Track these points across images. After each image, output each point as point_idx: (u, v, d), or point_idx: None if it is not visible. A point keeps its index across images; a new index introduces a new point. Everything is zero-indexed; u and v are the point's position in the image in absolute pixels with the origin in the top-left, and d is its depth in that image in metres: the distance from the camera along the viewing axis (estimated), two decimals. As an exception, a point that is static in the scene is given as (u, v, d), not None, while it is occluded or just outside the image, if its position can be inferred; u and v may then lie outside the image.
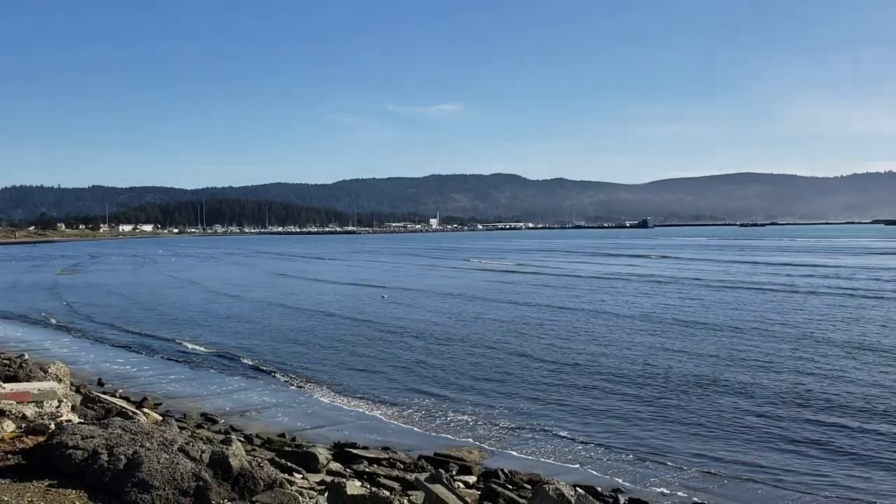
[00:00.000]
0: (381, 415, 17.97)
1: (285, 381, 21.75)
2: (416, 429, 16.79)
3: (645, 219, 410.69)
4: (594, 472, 13.69)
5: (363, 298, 44.40)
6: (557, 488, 7.53)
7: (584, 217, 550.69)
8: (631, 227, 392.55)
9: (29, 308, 42.26)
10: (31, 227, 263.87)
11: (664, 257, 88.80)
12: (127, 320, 36.17)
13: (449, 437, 16.06)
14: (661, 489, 12.86)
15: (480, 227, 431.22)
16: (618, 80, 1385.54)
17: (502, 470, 13.39)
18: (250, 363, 24.51)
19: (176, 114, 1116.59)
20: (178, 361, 25.26)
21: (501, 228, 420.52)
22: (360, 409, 18.46)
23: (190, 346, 28.05)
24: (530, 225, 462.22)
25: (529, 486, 12.37)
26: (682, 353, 24.56)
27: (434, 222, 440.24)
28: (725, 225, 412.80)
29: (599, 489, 12.62)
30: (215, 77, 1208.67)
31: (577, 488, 10.63)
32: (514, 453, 14.88)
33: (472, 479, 13.10)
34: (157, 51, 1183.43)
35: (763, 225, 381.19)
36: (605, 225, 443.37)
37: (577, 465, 14.17)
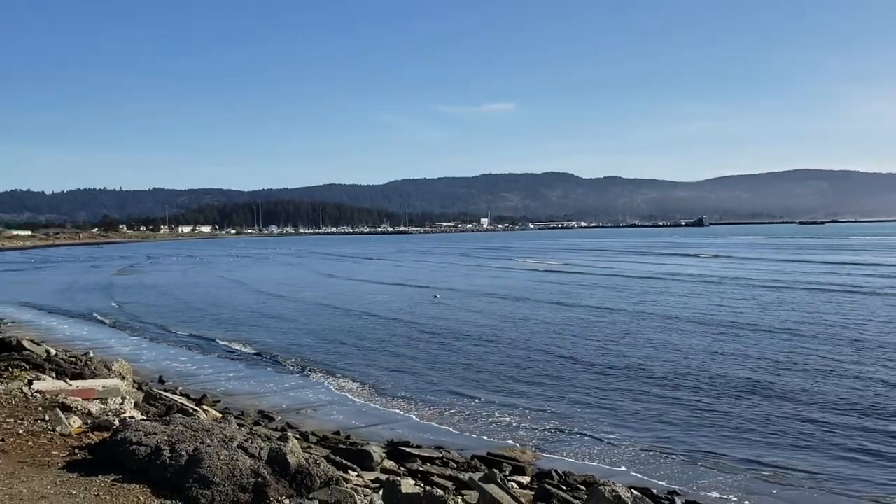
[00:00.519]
0: (431, 414, 18.06)
1: (337, 380, 22.00)
2: (466, 429, 16.83)
3: (700, 217, 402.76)
4: (644, 476, 13.53)
5: (412, 299, 44.63)
6: (614, 490, 7.46)
7: (638, 216, 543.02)
8: (686, 225, 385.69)
9: (88, 307, 43.59)
10: (95, 229, 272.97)
11: (718, 256, 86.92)
12: (181, 320, 37.09)
13: (498, 438, 16.07)
14: (715, 493, 12.64)
15: (532, 226, 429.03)
16: (673, 75, 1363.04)
17: (556, 471, 13.31)
18: (303, 362, 24.88)
19: (233, 117, 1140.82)
20: (234, 360, 25.78)
21: (553, 227, 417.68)
22: (411, 409, 18.58)
23: (244, 345, 28.59)
24: (583, 224, 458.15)
25: (584, 488, 12.28)
26: (734, 356, 24.00)
27: (485, 222, 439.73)
28: (783, 223, 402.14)
29: (655, 491, 12.44)
30: (270, 81, 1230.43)
31: (633, 490, 10.51)
32: (562, 456, 14.79)
33: (525, 479, 13.06)
34: (214, 58, 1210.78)
35: (822, 223, 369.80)
36: (660, 224, 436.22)
37: (625, 468, 14.03)
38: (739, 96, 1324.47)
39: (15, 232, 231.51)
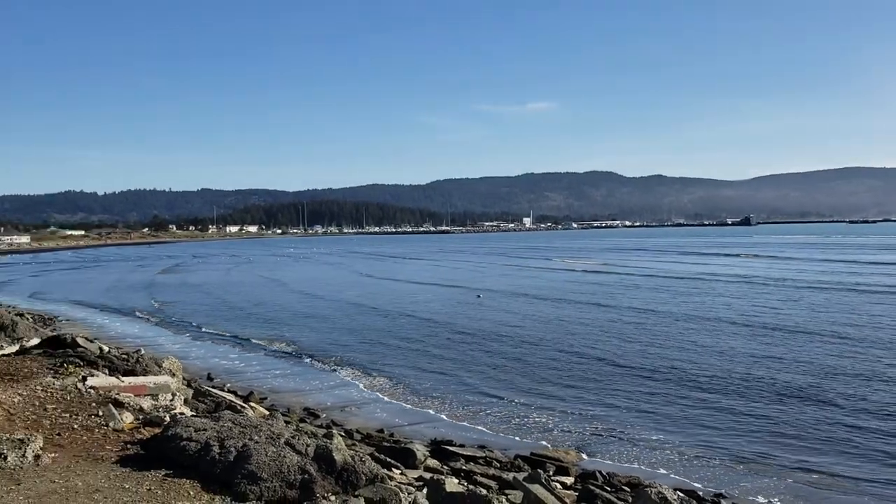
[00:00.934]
0: (471, 414, 18.09)
1: (379, 380, 22.15)
2: (507, 430, 16.84)
3: (747, 216, 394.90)
4: (687, 479, 13.38)
5: (454, 299, 44.68)
6: (660, 492, 7.40)
7: (684, 215, 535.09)
8: (733, 224, 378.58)
9: (134, 305, 44.61)
10: (145, 229, 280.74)
11: (762, 256, 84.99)
12: (226, 318, 37.74)
13: (538, 439, 16.04)
14: (760, 497, 12.44)
15: (575, 225, 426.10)
16: (719, 72, 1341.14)
17: (600, 472, 13.23)
18: (346, 361, 25.11)
19: (279, 119, 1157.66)
20: (278, 358, 26.15)
21: (597, 227, 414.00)
22: (451, 409, 18.65)
23: (287, 344, 28.96)
24: (627, 223, 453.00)
25: (628, 489, 12.19)
26: (778, 359, 23.40)
27: (527, 221, 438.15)
28: (833, 222, 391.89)
29: (700, 494, 12.28)
30: (315, 84, 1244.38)
31: (679, 492, 10.39)
32: (604, 458, 14.70)
33: (569, 480, 12.99)
34: (261, 62, 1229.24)
35: (874, 222, 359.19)
36: (706, 223, 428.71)
37: (667, 471, 13.87)
38: (789, 94, 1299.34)
39: (69, 232, 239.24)
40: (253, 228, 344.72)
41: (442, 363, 24.42)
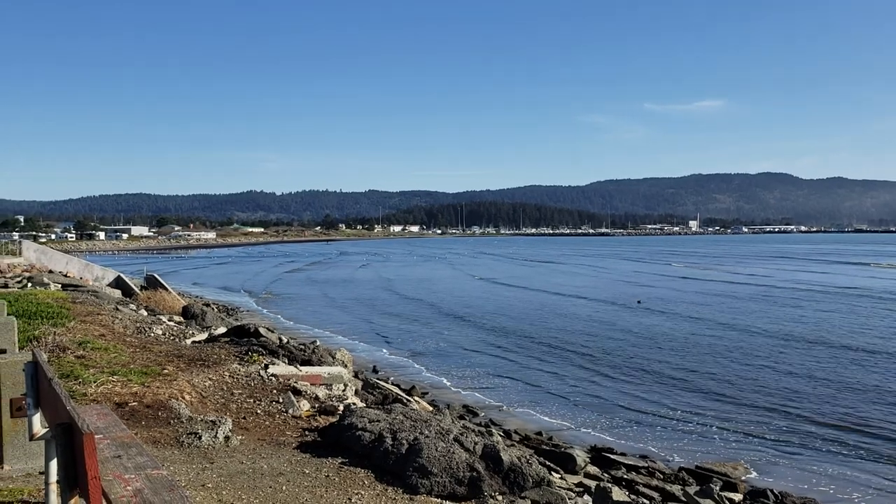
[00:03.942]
0: (633, 421, 17.60)
1: (533, 382, 22.03)
2: (669, 440, 16.20)
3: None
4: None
5: (612, 308, 43.63)
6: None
7: (866, 220, 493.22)
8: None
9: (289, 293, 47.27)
10: (318, 227, 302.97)
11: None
12: (382, 312, 38.98)
13: (702, 451, 15.27)
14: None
15: (745, 229, 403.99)
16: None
17: (771, 490, 12.43)
18: (498, 363, 25.15)
19: (441, 121, 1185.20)
20: (433, 355, 26.59)
21: (769, 232, 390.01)
22: (610, 416, 18.19)
23: (441, 342, 29.44)
24: (803, 228, 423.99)
25: (804, 513, 11.40)
26: None
27: (693, 224, 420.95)
28: None
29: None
30: (477, 92, 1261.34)
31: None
32: (775, 478, 13.70)
33: (737, 496, 12.33)
34: (424, 68, 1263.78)
35: None
36: (892, 229, 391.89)
37: (847, 496, 12.72)
38: None
39: (249, 229, 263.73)
40: (415, 228, 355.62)
41: (598, 366, 23.97)
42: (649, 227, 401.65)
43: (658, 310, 39.73)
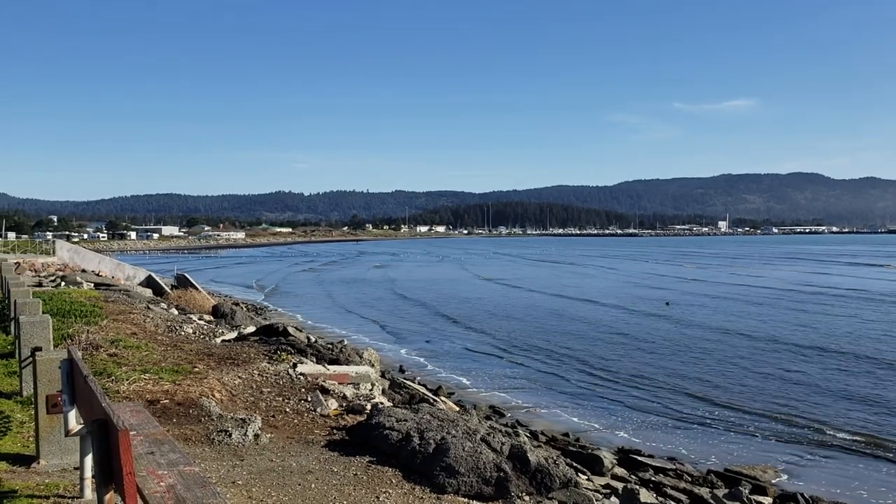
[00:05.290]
0: (661, 424, 17.44)
1: (560, 383, 21.94)
2: (698, 440, 16.04)
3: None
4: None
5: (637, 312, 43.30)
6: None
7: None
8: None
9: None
10: (345, 228, 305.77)
11: None
12: (399, 314, 39.05)
13: (732, 454, 15.09)
14: None
15: (775, 230, 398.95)
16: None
17: (802, 494, 12.26)
18: (524, 361, 25.10)
19: (467, 122, 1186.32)
20: (459, 356, 26.56)
21: (800, 232, 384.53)
22: (638, 418, 18.05)
23: (468, 342, 29.39)
24: (834, 229, 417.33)
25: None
26: None
27: (723, 225, 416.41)
28: None
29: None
30: (498, 93, 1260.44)
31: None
32: (806, 481, 13.49)
33: (767, 500, 12.18)
34: (448, 70, 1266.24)
35: None
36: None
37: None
38: None
39: (278, 229, 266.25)
40: (441, 228, 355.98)
41: (623, 367, 23.81)
42: (678, 227, 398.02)
43: (685, 313, 39.37)
